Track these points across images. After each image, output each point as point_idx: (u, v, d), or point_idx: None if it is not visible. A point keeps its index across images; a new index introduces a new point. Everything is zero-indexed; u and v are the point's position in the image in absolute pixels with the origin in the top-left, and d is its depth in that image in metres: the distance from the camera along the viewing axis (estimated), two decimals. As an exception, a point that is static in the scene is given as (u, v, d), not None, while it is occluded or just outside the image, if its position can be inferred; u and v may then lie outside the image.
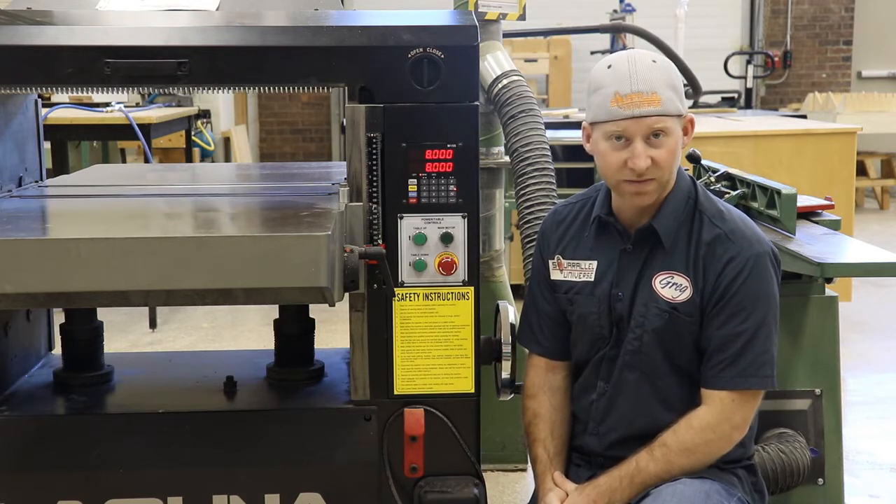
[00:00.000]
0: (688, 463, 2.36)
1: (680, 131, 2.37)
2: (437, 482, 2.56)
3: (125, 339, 5.88)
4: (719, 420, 2.36)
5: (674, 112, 2.33)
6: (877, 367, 5.55)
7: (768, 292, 2.37)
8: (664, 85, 2.32)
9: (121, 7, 2.79)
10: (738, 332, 2.35)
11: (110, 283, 2.20)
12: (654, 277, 2.40)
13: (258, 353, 3.07)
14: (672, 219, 2.40)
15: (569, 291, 2.50)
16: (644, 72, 2.31)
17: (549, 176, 3.09)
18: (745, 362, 2.34)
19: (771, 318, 2.37)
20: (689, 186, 2.45)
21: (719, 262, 2.36)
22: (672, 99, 2.33)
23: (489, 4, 3.56)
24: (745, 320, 2.35)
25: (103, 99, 6.23)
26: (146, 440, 2.57)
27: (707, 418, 2.36)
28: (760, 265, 2.36)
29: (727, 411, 2.36)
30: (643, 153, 2.32)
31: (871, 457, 4.21)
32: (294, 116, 12.18)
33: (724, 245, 2.37)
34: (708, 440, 2.36)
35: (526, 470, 4.05)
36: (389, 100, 2.47)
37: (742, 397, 2.36)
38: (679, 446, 2.35)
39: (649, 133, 2.32)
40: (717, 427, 2.36)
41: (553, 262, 2.54)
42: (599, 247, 2.48)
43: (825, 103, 10.41)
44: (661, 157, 2.33)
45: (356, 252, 2.37)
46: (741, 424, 2.38)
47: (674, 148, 2.35)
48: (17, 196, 2.86)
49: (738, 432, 2.39)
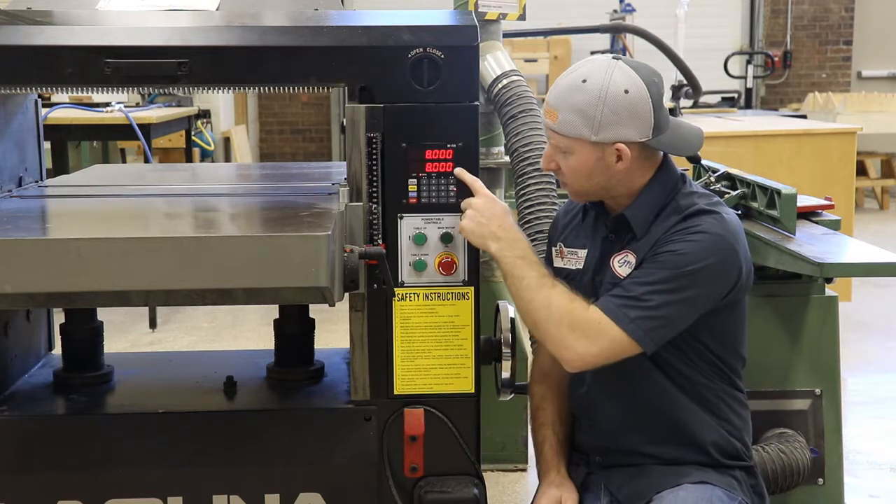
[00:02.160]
0: (536, 313, 2.36)
1: (591, 155, 2.36)
2: (436, 482, 2.56)
3: (125, 339, 5.88)
4: (578, 322, 2.33)
5: (568, 134, 2.36)
6: (877, 367, 5.55)
7: (693, 266, 2.31)
8: (570, 108, 2.35)
9: (121, 7, 2.79)
10: (641, 277, 2.34)
11: (110, 283, 2.20)
12: (613, 257, 2.43)
13: (258, 353, 3.07)
14: (646, 208, 2.42)
15: (566, 279, 2.52)
16: (560, 88, 2.38)
17: (549, 176, 3.09)
18: (627, 300, 2.32)
19: (681, 290, 2.31)
20: (675, 181, 2.45)
21: (669, 233, 2.37)
22: (572, 123, 2.35)
23: (489, 4, 3.56)
24: (654, 272, 2.33)
25: (103, 99, 6.24)
26: (146, 440, 2.56)
27: (577, 312, 2.33)
28: (703, 240, 2.33)
29: (590, 325, 2.32)
30: (548, 155, 2.46)
31: (871, 457, 4.21)
32: (294, 116, 12.19)
33: (680, 223, 2.38)
34: (559, 321, 2.33)
35: (526, 470, 4.05)
36: (389, 100, 2.47)
37: (605, 325, 2.32)
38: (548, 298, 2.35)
39: (552, 143, 2.42)
40: (573, 322, 2.33)
41: (556, 250, 2.59)
42: (591, 236, 2.52)
43: (825, 103, 10.41)
44: (564, 167, 2.43)
45: (356, 252, 2.37)
46: (582, 349, 2.33)
47: (575, 167, 2.39)
48: (17, 196, 2.86)
49: (573, 353, 2.33)
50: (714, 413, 2.45)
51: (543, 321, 2.37)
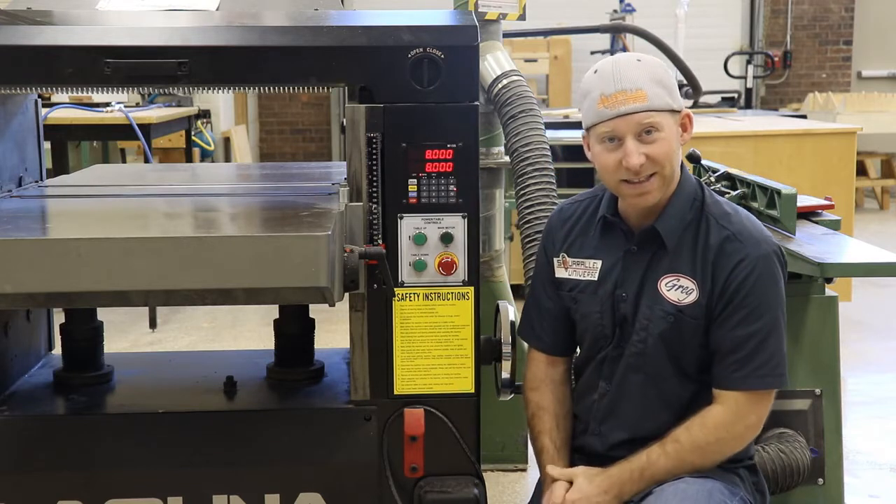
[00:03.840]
0: (699, 461, 2.36)
1: (675, 127, 2.36)
2: (437, 482, 2.56)
3: (125, 339, 5.88)
4: (733, 420, 2.36)
5: (661, 107, 2.32)
6: (877, 367, 5.55)
7: (777, 292, 2.38)
8: (649, 81, 2.32)
9: (121, 7, 2.79)
10: (750, 332, 2.35)
11: (110, 283, 2.20)
12: (659, 280, 2.39)
13: (258, 353, 3.07)
14: (676, 220, 2.39)
15: (573, 290, 2.50)
16: (627, 70, 2.33)
17: (549, 176, 3.09)
18: (758, 362, 2.35)
19: (780, 317, 2.38)
20: (695, 188, 2.44)
21: (728, 263, 2.36)
22: (659, 94, 2.32)
23: (489, 4, 3.56)
24: (756, 321, 2.35)
25: (103, 99, 6.23)
26: (146, 440, 2.57)
27: (721, 417, 2.36)
28: (769, 265, 2.37)
29: (742, 411, 2.36)
30: (635, 150, 2.31)
31: (871, 457, 4.21)
32: (294, 116, 12.18)
33: (733, 246, 2.36)
34: (720, 439, 2.36)
35: (526, 470, 4.05)
36: (389, 100, 2.47)
37: (756, 397, 2.37)
38: (692, 444, 2.35)
39: (640, 130, 2.32)
40: (731, 427, 2.36)
41: (558, 260, 2.54)
42: (604, 246, 2.48)
43: (825, 103, 10.41)
44: (655, 153, 2.33)
45: (356, 252, 2.37)
46: (755, 424, 2.39)
47: (668, 143, 2.34)
48: (17, 196, 2.86)
49: (752, 431, 2.40)
50: None
51: (712, 457, 2.37)
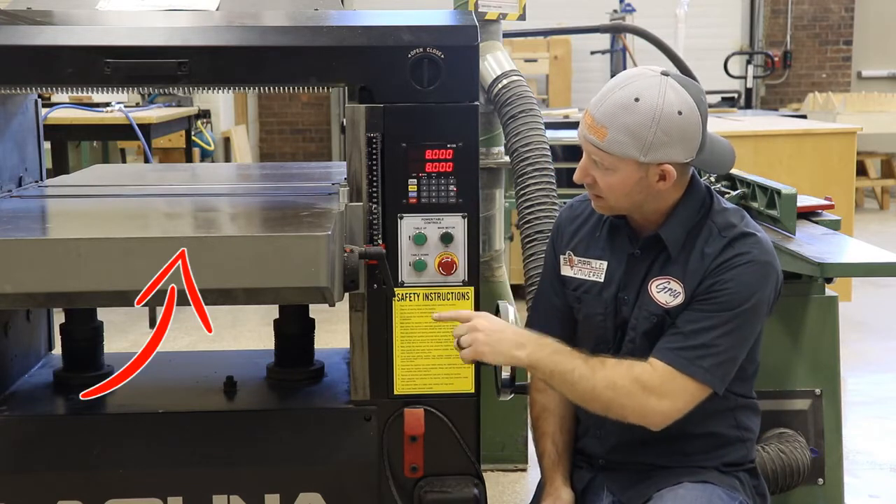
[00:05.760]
0: (603, 395, 2.29)
1: (637, 174, 2.29)
2: (436, 482, 2.56)
3: (125, 339, 5.88)
4: (652, 385, 2.28)
5: (617, 153, 2.26)
6: (877, 367, 5.55)
7: (752, 301, 2.31)
8: (621, 127, 2.24)
9: (121, 7, 2.79)
10: (705, 319, 2.30)
11: (110, 283, 2.20)
12: (651, 282, 2.39)
13: (258, 353, 3.07)
14: (680, 228, 2.37)
15: (577, 289, 2.49)
16: (609, 102, 2.27)
17: (549, 176, 3.09)
18: (696, 349, 2.29)
19: (743, 327, 2.31)
20: (704, 196, 2.41)
21: (716, 263, 2.33)
22: (621, 142, 2.25)
23: (489, 4, 3.56)
24: (717, 314, 2.30)
25: (103, 99, 6.23)
26: (146, 440, 2.57)
27: (644, 376, 2.29)
28: (755, 272, 2.31)
29: (663, 386, 2.28)
30: (584, 167, 2.35)
31: (871, 457, 4.21)
32: (294, 116, 12.18)
33: (726, 251, 2.33)
34: (630, 392, 2.28)
35: (526, 470, 4.05)
36: (389, 100, 2.47)
37: (680, 381, 2.29)
38: (607, 377, 2.29)
39: (592, 158, 2.32)
40: (645, 389, 2.28)
41: (564, 258, 2.53)
42: (611, 248, 2.46)
43: (825, 103, 10.41)
44: (600, 183, 2.33)
45: (356, 252, 2.37)
46: (666, 410, 2.29)
47: (619, 183, 2.30)
48: (17, 196, 2.86)
49: (659, 415, 2.30)
50: (730, 423, 2.44)
51: (615, 399, 2.30)
